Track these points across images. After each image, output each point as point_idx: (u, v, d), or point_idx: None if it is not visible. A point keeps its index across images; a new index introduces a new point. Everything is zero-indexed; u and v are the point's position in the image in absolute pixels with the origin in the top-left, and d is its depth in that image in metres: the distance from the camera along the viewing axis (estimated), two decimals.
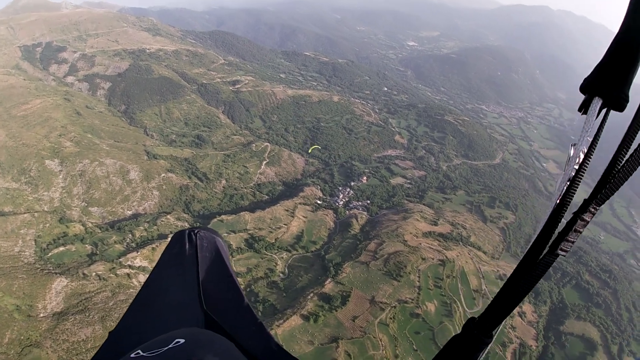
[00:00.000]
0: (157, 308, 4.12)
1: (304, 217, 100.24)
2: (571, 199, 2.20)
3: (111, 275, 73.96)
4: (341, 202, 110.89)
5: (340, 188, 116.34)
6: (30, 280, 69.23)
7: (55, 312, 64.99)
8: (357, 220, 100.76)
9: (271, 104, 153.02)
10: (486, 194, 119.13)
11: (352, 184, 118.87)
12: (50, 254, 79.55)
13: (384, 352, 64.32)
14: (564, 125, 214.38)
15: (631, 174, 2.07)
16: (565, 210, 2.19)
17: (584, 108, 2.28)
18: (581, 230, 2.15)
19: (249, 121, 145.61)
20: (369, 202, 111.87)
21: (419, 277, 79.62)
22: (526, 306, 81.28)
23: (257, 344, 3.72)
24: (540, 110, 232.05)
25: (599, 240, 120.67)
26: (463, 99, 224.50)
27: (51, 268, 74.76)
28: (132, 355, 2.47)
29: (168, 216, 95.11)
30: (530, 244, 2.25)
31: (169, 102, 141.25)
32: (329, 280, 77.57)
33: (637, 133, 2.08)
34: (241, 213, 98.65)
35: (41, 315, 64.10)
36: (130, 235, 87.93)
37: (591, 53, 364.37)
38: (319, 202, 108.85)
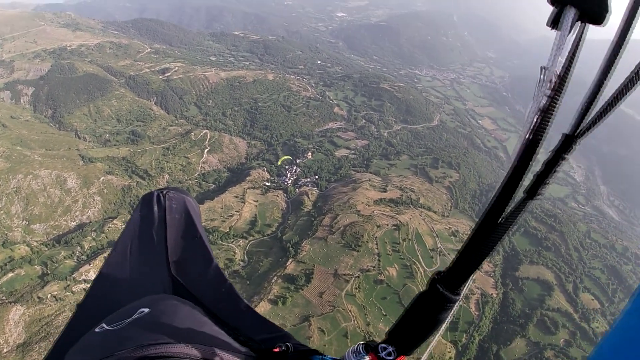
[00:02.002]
0: (124, 276, 3.95)
1: (254, 201, 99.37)
2: (545, 134, 1.76)
3: (67, 293, 70.43)
4: (290, 181, 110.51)
5: (286, 167, 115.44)
6: None
7: (19, 344, 61.77)
8: (309, 197, 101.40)
9: (205, 89, 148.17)
10: (429, 156, 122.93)
11: (298, 161, 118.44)
12: (0, 282, 74.43)
13: (356, 322, 66.09)
14: (495, 82, 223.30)
15: (624, 96, 1.65)
16: (539, 148, 1.79)
17: (554, 23, 1.70)
18: (559, 170, 1.83)
19: (184, 109, 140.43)
20: (317, 177, 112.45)
21: (376, 244, 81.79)
22: None
23: (225, 306, 3.68)
24: (471, 70, 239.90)
25: None
26: (396, 65, 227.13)
27: (4, 298, 69.84)
28: (97, 329, 2.44)
29: (114, 221, 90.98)
30: (499, 187, 1.89)
31: (98, 99, 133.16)
32: (290, 260, 77.92)
33: (624, 47, 1.61)
34: None
35: (5, 350, 60.76)
36: (79, 247, 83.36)
37: (515, 11, 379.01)
38: (267, 184, 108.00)
